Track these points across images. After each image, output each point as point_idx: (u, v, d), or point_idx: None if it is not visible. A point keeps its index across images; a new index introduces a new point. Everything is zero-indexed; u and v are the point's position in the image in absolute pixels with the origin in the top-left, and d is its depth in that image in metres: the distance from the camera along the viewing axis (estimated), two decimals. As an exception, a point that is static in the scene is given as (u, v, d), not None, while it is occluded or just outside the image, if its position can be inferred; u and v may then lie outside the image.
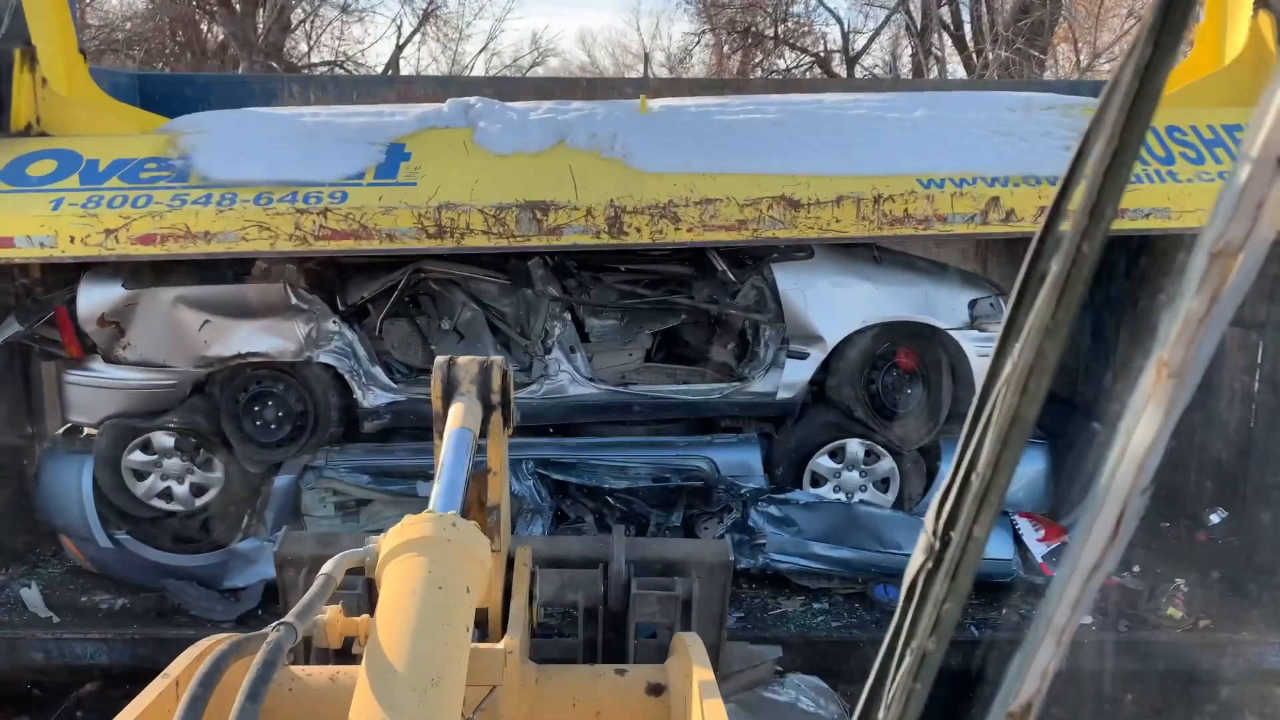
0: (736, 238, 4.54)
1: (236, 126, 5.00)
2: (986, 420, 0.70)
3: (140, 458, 4.83)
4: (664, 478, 4.97)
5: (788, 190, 4.44)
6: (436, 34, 20.34)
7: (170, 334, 4.70)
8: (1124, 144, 0.61)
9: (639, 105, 4.97)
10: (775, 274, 4.85)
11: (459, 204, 4.46)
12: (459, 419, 2.06)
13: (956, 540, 0.73)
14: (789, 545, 4.88)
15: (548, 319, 4.95)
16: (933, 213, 4.41)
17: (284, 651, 1.32)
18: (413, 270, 4.89)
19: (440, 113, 5.00)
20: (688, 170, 4.53)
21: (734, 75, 18.83)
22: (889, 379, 4.90)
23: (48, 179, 4.62)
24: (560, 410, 4.96)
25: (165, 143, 4.82)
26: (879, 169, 4.48)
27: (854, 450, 4.93)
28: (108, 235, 4.42)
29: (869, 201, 4.41)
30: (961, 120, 4.79)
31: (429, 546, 1.51)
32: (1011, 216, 4.43)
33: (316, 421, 4.86)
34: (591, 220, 4.45)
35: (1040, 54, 12.97)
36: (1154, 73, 0.60)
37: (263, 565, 4.85)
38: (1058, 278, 0.65)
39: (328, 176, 4.55)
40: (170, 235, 4.43)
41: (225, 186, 4.51)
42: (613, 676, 2.07)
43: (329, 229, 4.43)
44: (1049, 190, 4.44)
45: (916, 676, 0.76)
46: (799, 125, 4.75)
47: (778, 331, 4.90)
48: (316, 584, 1.50)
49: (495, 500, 2.29)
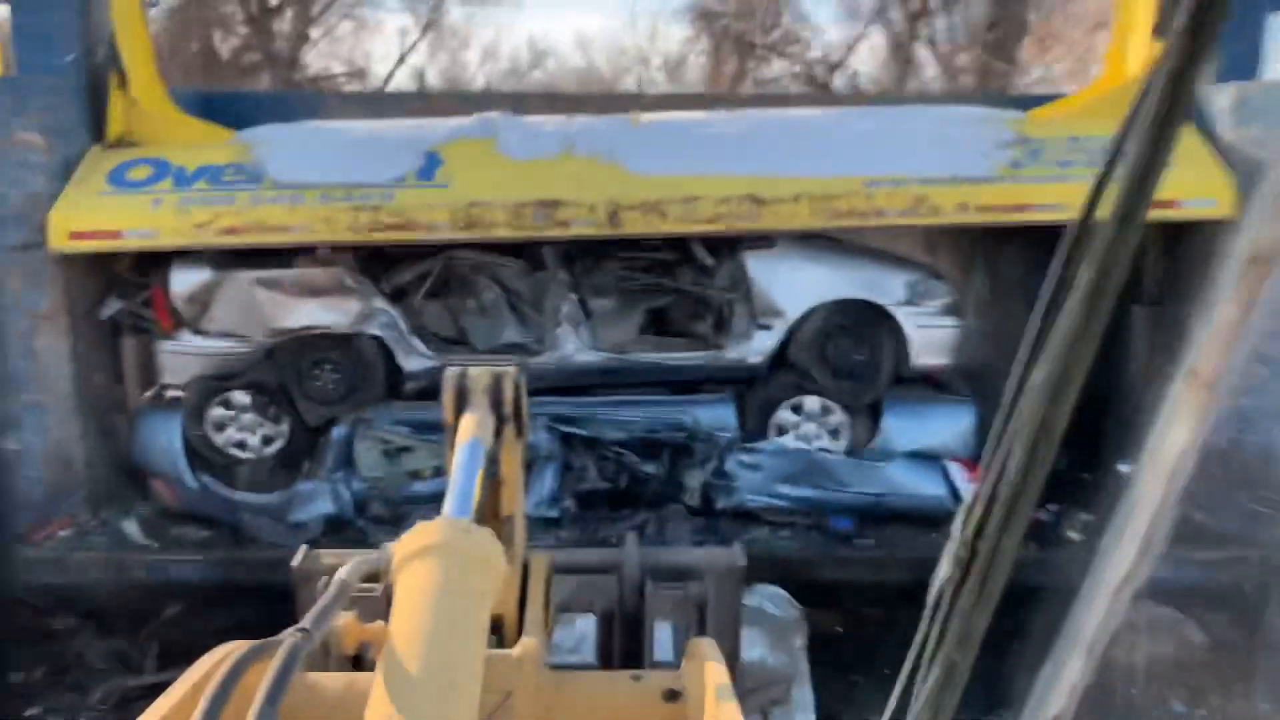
0: (713, 229, 5.49)
1: (299, 137, 5.95)
2: (1015, 431, 0.67)
3: (220, 412, 5.82)
4: (654, 430, 5.94)
5: (754, 190, 5.38)
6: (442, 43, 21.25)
7: (247, 310, 5.66)
8: (1157, 150, 0.59)
9: (632, 119, 5.94)
10: (745, 260, 5.82)
11: (485, 202, 5.42)
12: (471, 430, 2.04)
13: (985, 550, 0.70)
14: (759, 486, 5.77)
15: (557, 298, 5.92)
16: (872, 208, 5.39)
17: (300, 656, 1.31)
18: (445, 257, 5.85)
19: (467, 125, 5.95)
20: (673, 173, 5.46)
21: (729, 80, 19.69)
22: (840, 346, 5.89)
23: (145, 182, 5.58)
24: (568, 374, 5.93)
25: (241, 151, 5.78)
26: (829, 172, 5.42)
27: (811, 405, 5.90)
28: (198, 228, 5.39)
29: (820, 198, 5.39)
30: (902, 131, 5.76)
31: (443, 552, 1.49)
32: (937, 211, 5.40)
33: (366, 383, 5.83)
34: (594, 215, 5.38)
35: (1008, 63, 13.97)
36: (1186, 78, 0.57)
37: (320, 502, 5.80)
38: (1088, 285, 0.62)
39: (377, 179, 5.48)
40: (249, 228, 5.40)
41: (293, 188, 5.46)
42: (628, 682, 2.01)
43: (380, 223, 5.39)
44: (969, 188, 5.43)
45: (944, 688, 0.73)
46: (764, 136, 5.71)
47: (748, 308, 5.87)
48: (331, 590, 1.49)
49: (510, 510, 2.27)
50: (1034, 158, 5.52)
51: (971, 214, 5.37)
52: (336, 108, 7.42)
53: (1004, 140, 5.62)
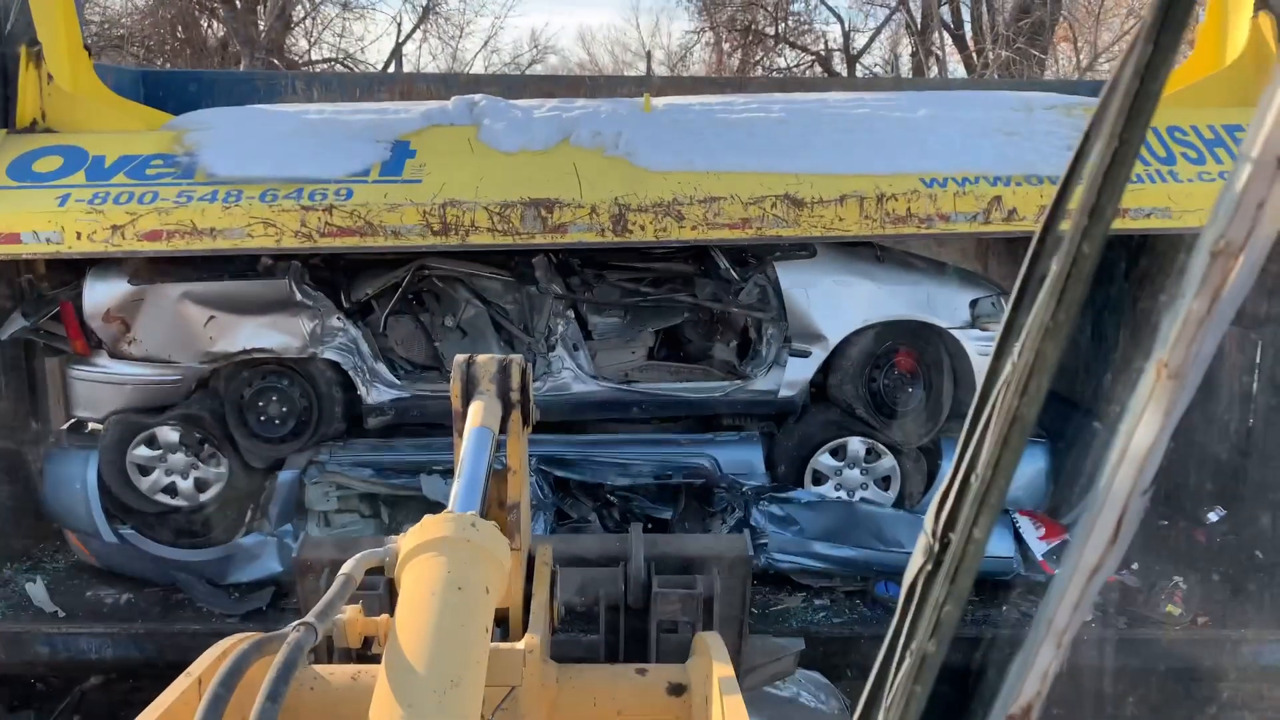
0: (740, 236, 4.58)
1: (241, 123, 5.04)
2: (986, 421, 0.69)
3: (145, 453, 4.86)
4: (666, 475, 5.00)
5: (791, 189, 4.48)
6: (437, 31, 20.36)
7: (175, 330, 4.73)
8: (1124, 144, 0.61)
9: (643, 104, 5.00)
10: (778, 272, 4.89)
11: (464, 201, 4.50)
12: (479, 417, 2.06)
13: (956, 542, 0.72)
14: (790, 544, 4.92)
15: (551, 316, 4.98)
16: (935, 212, 4.44)
17: (305, 651, 1.32)
18: (417, 267, 4.92)
19: (445, 110, 5.04)
20: (691, 169, 4.58)
21: (734, 74, 18.87)
22: (890, 378, 4.93)
23: (54, 175, 4.66)
24: (563, 407, 4.98)
25: (171, 139, 4.86)
26: (882, 168, 4.52)
27: (855, 448, 4.96)
28: (114, 231, 4.46)
29: (872, 200, 4.45)
30: (964, 120, 4.83)
31: (448, 547, 1.51)
32: (1014, 215, 4.47)
33: (320, 417, 4.89)
34: (596, 218, 4.49)
35: (1040, 54, 13.04)
36: (1154, 73, 0.60)
37: (266, 560, 4.89)
38: (1057, 278, 0.64)
39: (333, 173, 4.60)
40: (176, 232, 4.46)
41: (231, 183, 4.55)
42: (633, 676, 2.06)
43: (334, 226, 4.47)
44: (1051, 189, 4.48)
45: (916, 678, 0.76)
46: (802, 124, 4.79)
47: (780, 330, 4.94)
48: (336, 584, 1.50)
49: (515, 499, 2.28)
50: (1129, 152, 4.57)
51: (1058, 220, 4.40)
52: (299, 90, 6.46)
53: (1090, 131, 4.68)
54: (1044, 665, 0.70)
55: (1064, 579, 0.68)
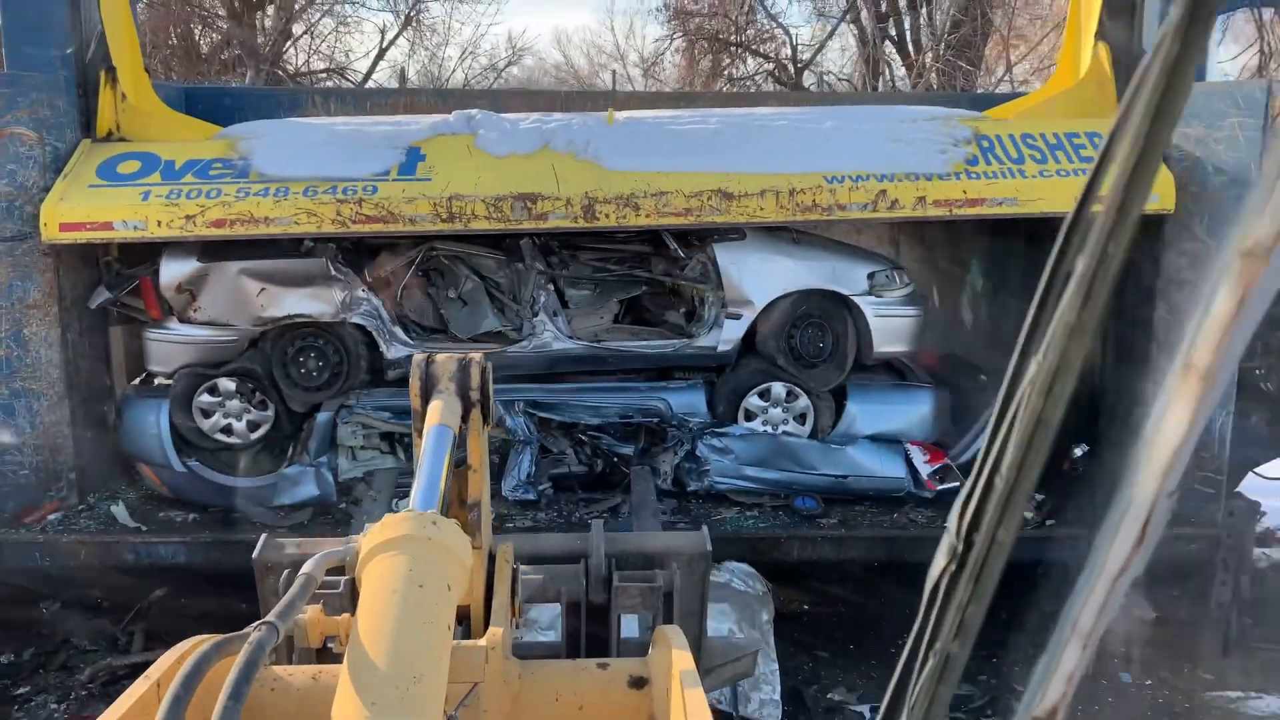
0: (684, 222, 5.72)
1: (283, 133, 6.14)
2: (1010, 421, 0.67)
3: (208, 399, 6.00)
4: (628, 416, 6.17)
5: (723, 185, 5.62)
6: (421, 40, 21.37)
7: (233, 299, 5.85)
8: (1151, 142, 0.58)
9: (607, 117, 6.18)
10: (715, 251, 6.07)
11: (465, 195, 5.62)
12: (438, 416, 2.05)
13: (980, 543, 0.70)
14: (728, 469, 6.02)
15: (535, 288, 6.15)
16: (834, 202, 5.64)
17: (266, 651, 1.32)
18: (427, 248, 6.06)
19: (448, 122, 6.15)
20: (646, 169, 5.67)
21: (704, 77, 19.97)
22: (805, 334, 6.16)
23: (135, 176, 5.74)
24: (545, 361, 6.16)
25: (227, 146, 5.96)
26: (794, 168, 5.67)
27: (778, 391, 6.16)
28: (187, 220, 5.56)
29: (786, 194, 5.62)
30: (860, 129, 6.02)
31: (409, 545, 1.50)
32: (896, 205, 5.66)
33: (349, 369, 6.03)
34: (570, 208, 5.59)
35: (969, 65, 14.33)
36: (1182, 70, 0.57)
37: (306, 486, 5.99)
38: (1083, 277, 0.62)
39: (360, 173, 5.66)
40: (237, 220, 5.57)
41: (279, 181, 5.63)
42: (595, 670, 2.04)
43: (363, 215, 5.58)
44: (926, 184, 5.71)
45: (940, 679, 0.75)
46: (733, 134, 5.96)
47: (718, 298, 6.12)
48: (297, 584, 1.50)
49: (476, 497, 2.26)
50: (989, 155, 5.81)
51: (929, 208, 5.64)
52: (318, 103, 7.59)
53: (961, 138, 5.91)
54: (1069, 667, 0.67)
55: (1089, 581, 0.65)
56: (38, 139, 5.65)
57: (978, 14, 14.38)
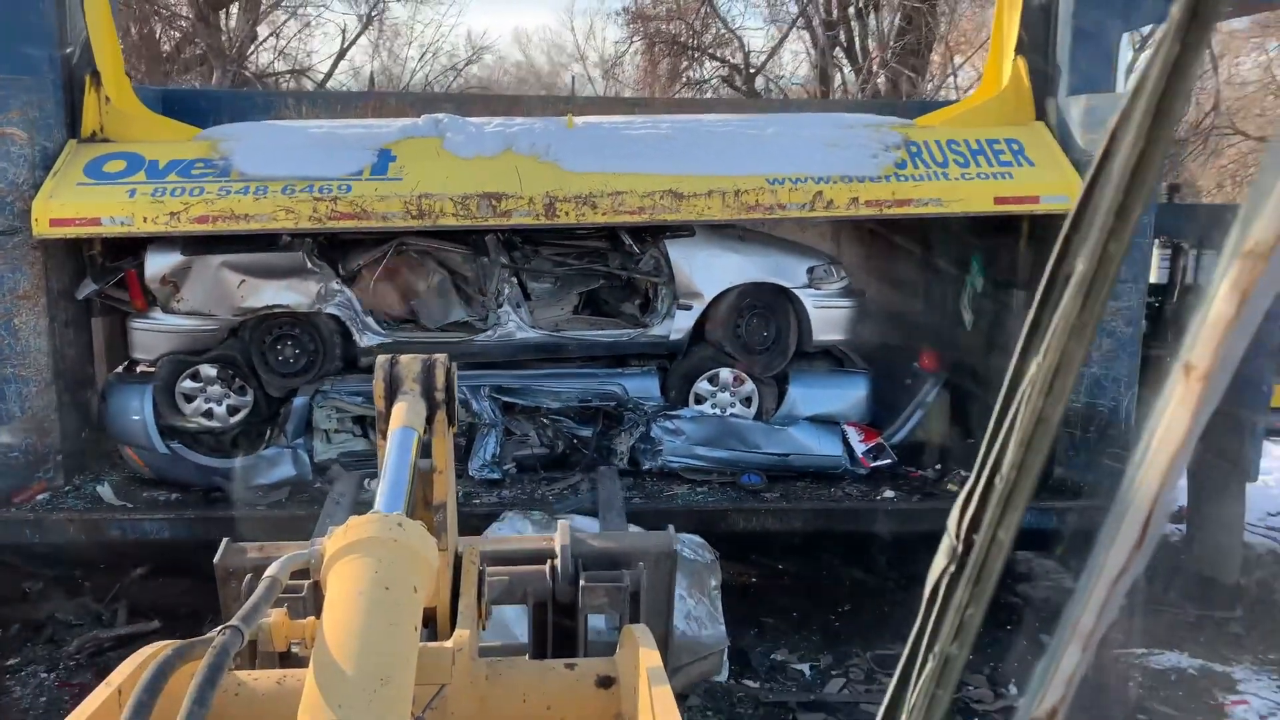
0: (638, 219, 6.13)
1: (261, 135, 6.49)
2: (1011, 421, 0.67)
3: (190, 385, 6.35)
4: (587, 400, 6.63)
5: (674, 186, 6.03)
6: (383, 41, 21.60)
7: (215, 290, 6.20)
8: (1151, 143, 0.58)
9: (567, 122, 6.63)
10: (667, 247, 6.54)
11: (434, 194, 5.97)
12: (402, 418, 2.03)
13: (980, 543, 0.69)
14: (679, 449, 6.46)
15: (500, 281, 6.57)
16: (775, 202, 6.12)
17: (230, 655, 1.31)
18: (397, 243, 6.47)
19: (417, 125, 6.54)
20: (603, 170, 6.06)
21: (664, 80, 20.40)
22: (750, 324, 6.66)
23: (121, 174, 6.05)
24: (509, 349, 6.58)
25: (208, 147, 6.29)
26: (738, 170, 6.10)
27: (725, 376, 6.63)
28: (171, 217, 5.88)
29: (731, 194, 6.06)
30: (800, 135, 6.50)
31: (375, 547, 1.49)
32: (831, 205, 6.16)
33: (324, 357, 6.42)
34: (532, 206, 5.96)
35: (912, 72, 14.98)
36: (1181, 72, 0.57)
37: (284, 466, 6.34)
38: (1083, 278, 0.62)
39: (335, 173, 6.00)
40: (219, 216, 5.90)
41: (258, 180, 5.96)
42: (562, 671, 2.03)
43: (338, 212, 5.93)
44: (859, 185, 6.22)
45: (940, 681, 0.73)
46: (683, 139, 6.39)
47: (670, 290, 6.59)
48: (261, 587, 1.48)
49: (442, 499, 2.24)
50: (916, 159, 6.34)
51: (861, 208, 6.15)
52: (290, 105, 7.95)
53: (891, 143, 6.43)
54: (1070, 669, 0.66)
55: (1089, 582, 0.64)
56: (28, 139, 5.96)
57: (922, 23, 15.02)
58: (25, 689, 5.88)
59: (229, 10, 16.43)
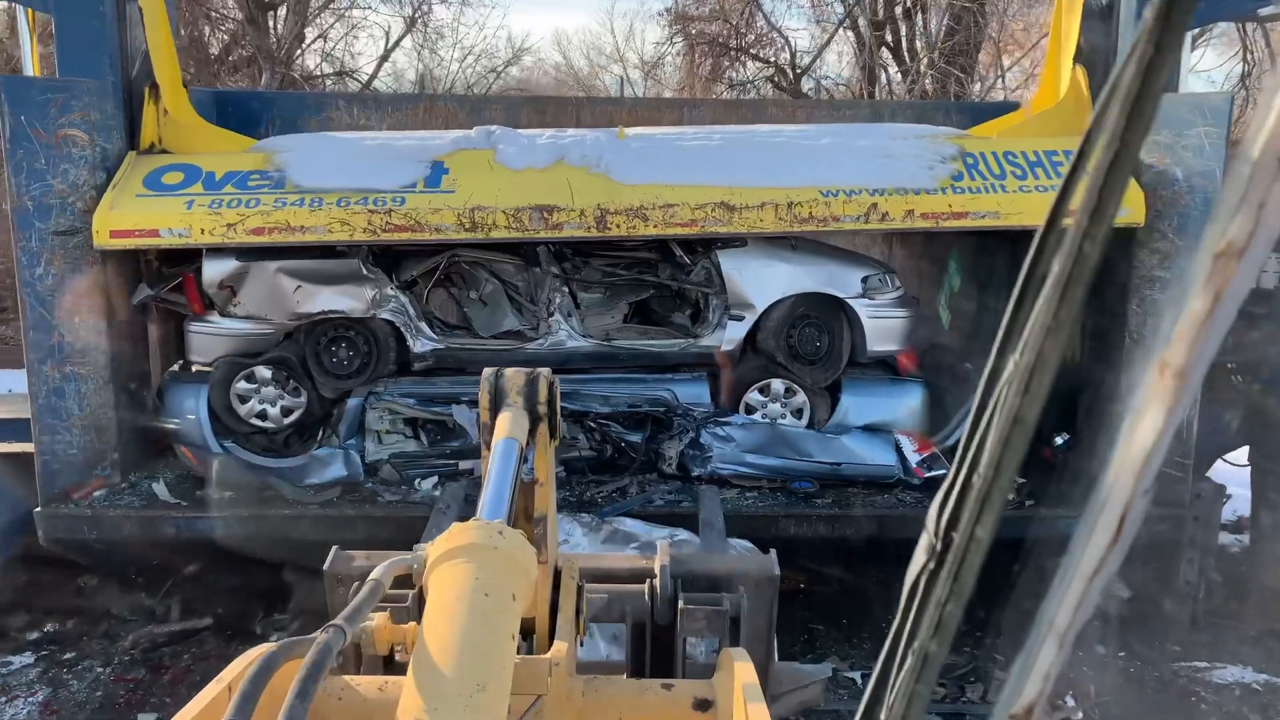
0: (689, 232, 6.08)
1: (315, 147, 6.53)
2: (988, 420, 0.67)
3: (245, 386, 6.43)
4: (637, 405, 6.61)
5: (726, 198, 6.00)
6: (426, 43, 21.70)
7: (271, 295, 6.26)
8: (1125, 145, 0.59)
9: (618, 134, 6.61)
10: (719, 258, 6.50)
11: (487, 206, 5.98)
12: (506, 429, 2.06)
13: (959, 541, 0.70)
14: (729, 456, 6.39)
15: (550, 291, 6.58)
16: (829, 214, 6.08)
17: (333, 653, 1.33)
18: (450, 254, 6.49)
19: (469, 137, 6.53)
20: (654, 182, 6.04)
21: (704, 80, 20.30)
22: (803, 334, 6.62)
23: (179, 186, 6.08)
24: (560, 358, 6.56)
25: (263, 159, 6.32)
26: (792, 182, 6.06)
27: (776, 387, 6.60)
28: (228, 228, 5.90)
29: (784, 206, 6.03)
30: (854, 146, 6.45)
31: (476, 553, 1.51)
32: (886, 217, 6.10)
33: (378, 360, 6.47)
34: (584, 219, 5.93)
35: (960, 73, 14.81)
36: (1155, 74, 0.58)
37: (335, 466, 6.39)
38: (1059, 278, 0.63)
39: (389, 185, 6.02)
40: (275, 228, 5.90)
41: (314, 192, 5.98)
42: (659, 691, 2.00)
43: (392, 224, 5.92)
44: (914, 198, 6.15)
45: (919, 677, 0.74)
46: (735, 150, 6.36)
47: (721, 301, 6.56)
48: (365, 589, 1.51)
49: (542, 511, 2.26)
50: (973, 171, 6.26)
51: (917, 220, 6.09)
52: (341, 106, 8.01)
53: (947, 155, 6.36)
54: (1046, 666, 0.67)
55: (1065, 579, 0.65)
56: (89, 140, 6.04)
57: (971, 23, 14.85)
58: (81, 683, 6.01)
59: (277, 12, 16.62)
